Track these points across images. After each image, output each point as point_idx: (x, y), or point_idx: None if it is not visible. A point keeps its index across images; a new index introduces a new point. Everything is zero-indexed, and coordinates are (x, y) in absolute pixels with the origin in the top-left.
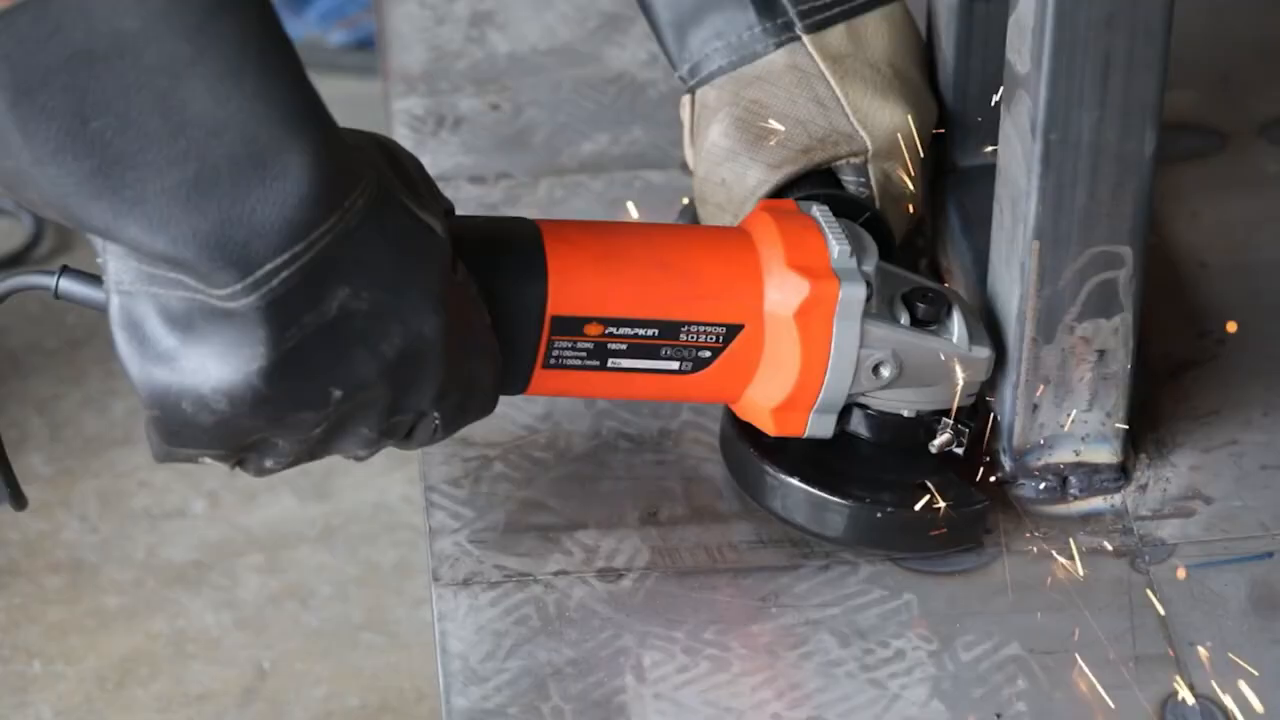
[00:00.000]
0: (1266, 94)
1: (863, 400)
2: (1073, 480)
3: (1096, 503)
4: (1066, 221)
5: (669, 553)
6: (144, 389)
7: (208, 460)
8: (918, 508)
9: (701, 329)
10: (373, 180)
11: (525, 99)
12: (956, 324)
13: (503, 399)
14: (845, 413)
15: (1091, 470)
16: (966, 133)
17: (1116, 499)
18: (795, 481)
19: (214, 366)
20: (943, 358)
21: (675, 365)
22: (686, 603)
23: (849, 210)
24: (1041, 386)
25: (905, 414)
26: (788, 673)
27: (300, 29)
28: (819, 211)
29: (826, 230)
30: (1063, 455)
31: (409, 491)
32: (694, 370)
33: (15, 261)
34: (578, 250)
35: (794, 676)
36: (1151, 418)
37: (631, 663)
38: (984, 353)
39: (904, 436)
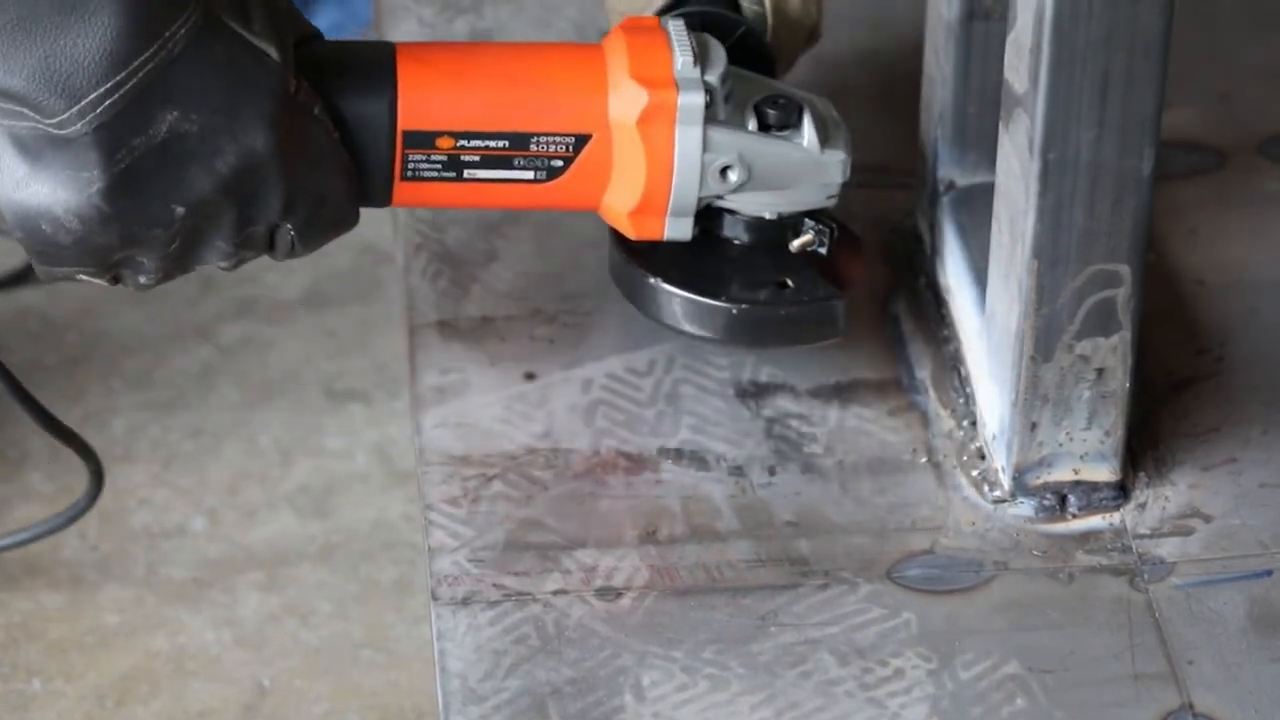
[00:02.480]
0: (1265, 111)
1: (723, 204)
2: (1071, 498)
3: (1095, 521)
4: (1065, 240)
5: (668, 572)
6: (8, 213)
7: (83, 277)
8: (773, 303)
9: (551, 139)
10: (198, 10)
11: None
12: (807, 129)
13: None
14: (712, 216)
15: (1090, 488)
16: (964, 151)
17: (1115, 517)
18: (658, 282)
19: (61, 190)
20: (793, 161)
21: (530, 175)
22: (685, 622)
23: (725, 27)
24: (1040, 405)
25: (767, 216)
26: (787, 692)
27: None
28: (673, 25)
29: (675, 42)
30: (1061, 473)
31: (409, 510)
32: (549, 179)
33: (16, 280)
34: (428, 67)
35: (793, 695)
36: (1151, 436)
37: (630, 682)
38: (837, 156)
39: (768, 238)
